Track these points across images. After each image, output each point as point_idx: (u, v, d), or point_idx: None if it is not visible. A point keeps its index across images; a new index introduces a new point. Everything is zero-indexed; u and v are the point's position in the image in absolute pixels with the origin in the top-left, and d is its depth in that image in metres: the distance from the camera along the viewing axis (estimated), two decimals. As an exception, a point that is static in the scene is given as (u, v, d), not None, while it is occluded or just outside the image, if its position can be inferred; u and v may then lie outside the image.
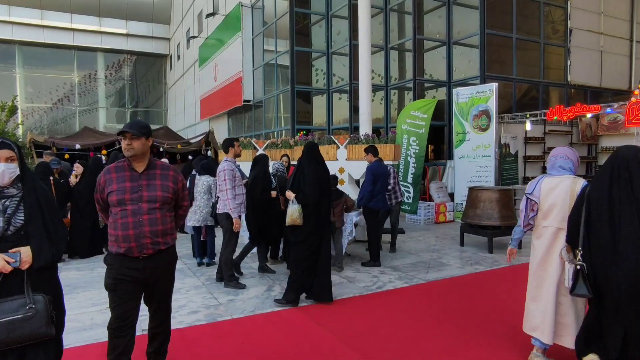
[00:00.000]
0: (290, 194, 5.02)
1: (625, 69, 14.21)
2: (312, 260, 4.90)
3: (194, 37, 22.11)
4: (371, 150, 7.06)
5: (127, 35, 31.38)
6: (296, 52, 14.05)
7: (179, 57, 30.02)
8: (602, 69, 13.61)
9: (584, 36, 13.12)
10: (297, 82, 14.21)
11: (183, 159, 14.49)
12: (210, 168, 7.06)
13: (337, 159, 9.24)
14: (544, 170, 11.93)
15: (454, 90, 11.42)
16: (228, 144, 5.84)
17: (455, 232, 9.80)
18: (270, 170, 6.99)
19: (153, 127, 18.12)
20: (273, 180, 6.80)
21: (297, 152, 10.00)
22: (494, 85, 10.58)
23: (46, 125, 30.56)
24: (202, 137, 15.07)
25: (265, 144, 10.96)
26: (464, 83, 12.13)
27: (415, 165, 10.84)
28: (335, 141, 9.27)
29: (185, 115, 28.52)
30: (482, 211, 8.02)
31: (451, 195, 11.45)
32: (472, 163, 10.92)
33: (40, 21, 28.57)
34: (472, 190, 8.32)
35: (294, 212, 4.89)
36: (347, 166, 9.04)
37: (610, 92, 13.79)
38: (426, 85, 13.30)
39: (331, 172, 8.93)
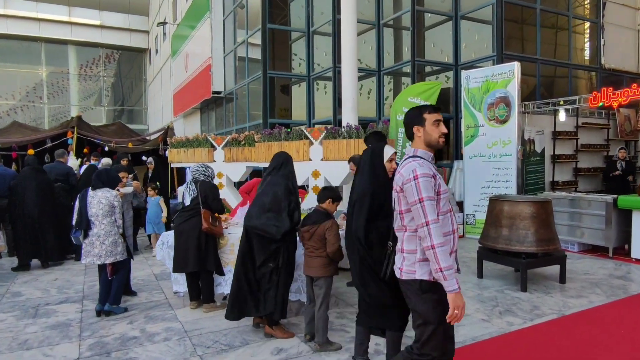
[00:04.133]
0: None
1: (665, 53, 11.87)
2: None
3: (163, 23, 19.65)
4: (372, 141, 4.31)
5: (101, 27, 28.89)
6: (270, 30, 11.65)
7: (157, 50, 27.62)
8: (639, 52, 11.27)
9: (619, 11, 10.79)
10: (272, 68, 11.82)
11: (136, 160, 12.06)
12: (110, 178, 4.69)
13: (311, 159, 6.86)
14: (576, 173, 9.51)
15: (463, 74, 9.03)
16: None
17: (467, 254, 7.43)
18: (189, 176, 4.63)
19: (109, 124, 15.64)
20: (195, 188, 4.40)
21: (260, 150, 7.61)
22: (515, 65, 8.20)
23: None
24: (159, 134, 12.66)
25: (225, 141, 8.55)
26: (475, 66, 9.76)
27: (415, 167, 8.42)
28: (308, 135, 6.88)
29: (163, 113, 26.09)
30: (511, 231, 5.63)
31: (460, 205, 9.04)
32: (487, 164, 8.53)
33: (2, 10, 26.07)
34: (494, 202, 5.92)
35: None
36: (323, 169, 6.69)
37: (649, 79, 11.44)
38: (428, 69, 10.90)
39: (301, 177, 6.62)
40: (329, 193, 3.85)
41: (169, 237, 4.95)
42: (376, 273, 2.91)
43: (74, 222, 4.60)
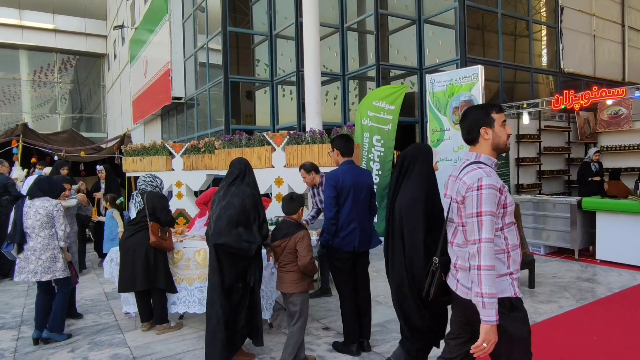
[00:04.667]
0: None
1: (619, 58, 12.27)
2: None
3: (120, 26, 18.88)
4: (339, 143, 3.93)
5: (55, 30, 27.62)
6: (231, 34, 11.30)
7: (115, 56, 26.63)
8: (596, 56, 11.57)
9: (576, 16, 11.04)
10: (235, 72, 11.46)
11: (89, 170, 11.40)
12: (53, 186, 4.25)
13: (273, 166, 6.55)
14: (540, 175, 9.58)
15: (428, 77, 8.95)
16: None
17: (436, 262, 7.27)
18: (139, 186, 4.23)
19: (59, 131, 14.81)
20: (142, 200, 4.03)
21: (220, 158, 7.24)
22: (479, 68, 8.16)
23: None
24: (115, 141, 12.02)
25: (184, 148, 8.11)
26: (439, 70, 9.72)
27: (380, 171, 8.24)
28: (270, 141, 6.57)
29: (122, 120, 25.12)
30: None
31: (427, 210, 8.91)
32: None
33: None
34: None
35: None
36: (286, 176, 6.39)
37: (605, 82, 11.75)
38: (392, 73, 10.81)
39: (264, 185, 6.30)
40: (299, 203, 3.56)
41: (117, 253, 4.53)
42: (421, 299, 2.62)
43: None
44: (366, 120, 8.24)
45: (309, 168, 5.08)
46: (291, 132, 6.44)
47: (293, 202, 3.55)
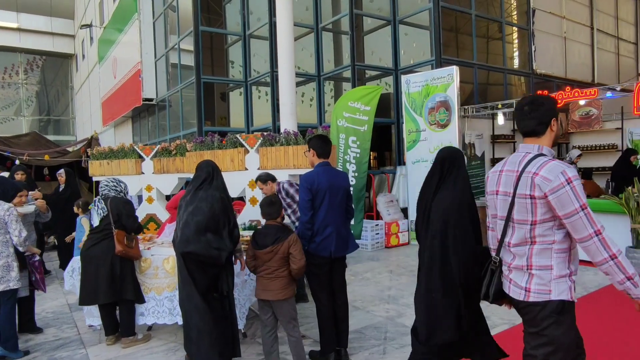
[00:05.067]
0: None
1: (588, 60, 12.53)
2: None
3: (87, 25, 18.26)
4: (315, 144, 3.70)
5: (19, 30, 26.60)
6: (205, 34, 11.03)
7: (84, 56, 25.82)
8: (567, 58, 11.78)
9: (547, 19, 11.21)
10: (207, 73, 11.19)
11: (53, 175, 10.91)
12: (4, 189, 3.96)
13: (247, 169, 6.33)
14: (514, 177, 9.63)
15: (404, 78, 8.91)
16: None
17: (414, 263, 7.19)
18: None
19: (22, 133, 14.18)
20: (105, 206, 3.78)
21: (192, 160, 6.98)
22: (454, 69, 8.18)
23: None
24: (82, 144, 11.56)
25: (154, 151, 7.81)
26: (414, 70, 9.69)
27: (357, 173, 8.14)
28: (243, 142, 6.36)
29: (91, 122, 24.35)
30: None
31: (404, 211, 8.87)
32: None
33: None
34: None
35: None
36: (260, 178, 6.17)
37: (575, 84, 11.99)
38: (368, 74, 10.73)
39: (237, 188, 6.10)
40: (280, 205, 3.41)
41: (79, 262, 4.25)
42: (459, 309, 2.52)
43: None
44: (342, 121, 8.12)
45: (265, 178, 4.99)
46: (265, 133, 6.25)
47: (274, 205, 3.39)
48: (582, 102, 9.36)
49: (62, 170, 7.72)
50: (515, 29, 11.18)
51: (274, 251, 3.22)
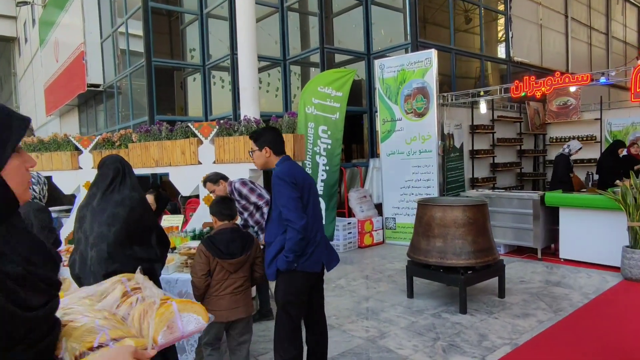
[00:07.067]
0: None
1: (562, 49, 12.17)
2: None
3: (24, 2, 16.52)
4: (269, 138, 2.88)
5: (-49, 10, 24.19)
6: (155, 14, 9.88)
7: (26, 39, 23.72)
8: (542, 46, 11.35)
9: (524, 5, 10.71)
10: (160, 56, 10.06)
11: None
12: None
13: (200, 162, 5.41)
14: (493, 169, 9.09)
15: (377, 62, 8.15)
16: None
17: (391, 265, 6.54)
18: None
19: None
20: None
21: (136, 153, 5.97)
22: (432, 52, 7.48)
23: None
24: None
25: (94, 142, 6.71)
26: (387, 55, 8.94)
27: (328, 167, 7.33)
28: (196, 132, 5.41)
29: (36, 112, 22.41)
30: (445, 242, 4.72)
31: (378, 207, 8.15)
32: (406, 161, 7.72)
33: None
34: (424, 207, 4.98)
35: None
36: (217, 173, 5.25)
37: (551, 73, 11.60)
38: (338, 58, 9.90)
39: (190, 185, 5.34)
40: (234, 203, 3.08)
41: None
42: None
43: None
44: (310, 108, 7.27)
45: (215, 178, 4.28)
46: (222, 121, 5.33)
47: (230, 202, 2.89)
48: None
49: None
50: (494, 14, 10.62)
51: (241, 261, 2.73)
